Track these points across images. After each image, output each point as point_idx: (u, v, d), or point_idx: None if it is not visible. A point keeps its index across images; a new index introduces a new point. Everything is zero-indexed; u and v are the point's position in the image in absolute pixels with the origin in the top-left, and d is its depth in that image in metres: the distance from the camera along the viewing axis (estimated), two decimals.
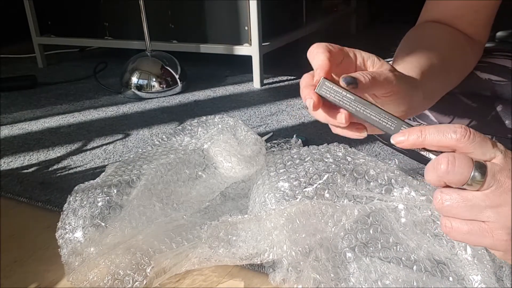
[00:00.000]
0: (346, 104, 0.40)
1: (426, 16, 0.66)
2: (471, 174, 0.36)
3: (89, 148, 1.07)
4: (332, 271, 0.54)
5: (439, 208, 0.38)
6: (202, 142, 0.73)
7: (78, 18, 1.82)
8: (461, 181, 0.36)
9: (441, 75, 0.56)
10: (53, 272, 0.65)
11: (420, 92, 0.50)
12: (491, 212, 0.36)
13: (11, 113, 1.36)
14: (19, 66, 1.93)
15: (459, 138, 0.36)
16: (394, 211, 0.55)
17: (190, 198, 0.68)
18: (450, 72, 0.59)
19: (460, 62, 0.61)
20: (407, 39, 0.61)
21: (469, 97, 0.66)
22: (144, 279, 0.58)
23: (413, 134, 0.38)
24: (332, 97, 0.40)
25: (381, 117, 0.40)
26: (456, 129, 0.36)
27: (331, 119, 0.43)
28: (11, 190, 0.88)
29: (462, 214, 0.37)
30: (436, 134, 0.37)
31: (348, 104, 0.40)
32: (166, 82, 1.46)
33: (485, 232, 0.37)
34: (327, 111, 0.42)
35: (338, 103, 0.40)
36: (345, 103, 0.40)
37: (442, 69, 0.56)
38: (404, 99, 0.47)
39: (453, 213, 0.38)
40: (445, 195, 0.38)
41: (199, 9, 1.56)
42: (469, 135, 0.36)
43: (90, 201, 0.62)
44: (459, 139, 0.36)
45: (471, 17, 0.62)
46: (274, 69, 1.63)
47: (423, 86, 0.50)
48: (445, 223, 0.39)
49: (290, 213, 0.55)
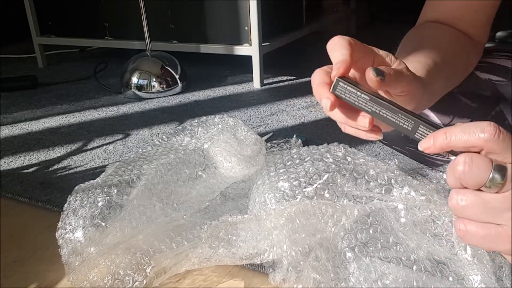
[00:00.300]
0: (362, 105, 0.39)
1: (426, 16, 0.66)
2: (489, 175, 0.34)
3: (89, 148, 1.07)
4: (332, 271, 0.54)
5: (454, 209, 0.37)
6: (202, 142, 0.73)
7: (79, 18, 1.82)
8: (479, 183, 0.35)
9: (444, 74, 0.55)
10: (53, 272, 0.65)
11: (427, 91, 0.49)
12: (509, 216, 0.35)
13: (11, 113, 1.36)
14: (19, 66, 1.93)
15: (488, 138, 0.34)
16: (394, 211, 0.55)
17: (190, 198, 0.68)
18: (452, 72, 0.59)
19: (461, 62, 0.61)
20: (407, 39, 0.61)
21: (469, 97, 0.66)
22: (144, 279, 0.58)
23: (438, 138, 0.36)
24: (348, 97, 0.39)
25: (397, 117, 0.38)
26: (484, 128, 0.34)
27: (350, 121, 0.41)
28: (11, 190, 0.88)
29: (478, 216, 0.36)
30: (462, 134, 0.35)
31: (364, 105, 0.39)
32: (166, 82, 1.47)
33: (501, 236, 0.35)
34: (345, 112, 0.41)
35: (353, 103, 0.39)
36: (361, 104, 0.39)
37: (444, 69, 0.56)
38: (415, 99, 0.46)
39: (469, 214, 0.36)
40: (461, 195, 0.36)
41: (199, 9, 1.56)
42: (498, 134, 0.34)
43: (90, 201, 0.62)
44: (488, 139, 0.34)
45: (471, 17, 0.62)
46: (274, 69, 1.63)
47: (428, 84, 0.50)
48: (460, 226, 0.37)
49: (290, 213, 0.55)
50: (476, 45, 0.64)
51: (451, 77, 0.59)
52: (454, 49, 0.60)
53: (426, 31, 0.63)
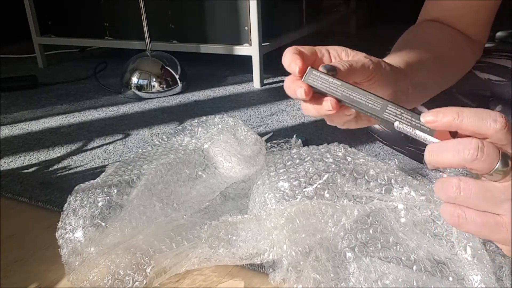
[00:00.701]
0: (333, 90, 0.41)
1: (426, 16, 0.66)
2: (497, 163, 0.34)
3: (89, 148, 1.07)
4: (332, 271, 0.54)
5: (454, 196, 0.36)
6: (202, 142, 0.73)
7: (78, 18, 1.82)
8: (486, 169, 0.34)
9: (434, 69, 0.56)
10: (53, 272, 0.65)
11: (406, 79, 0.50)
12: (509, 206, 0.35)
13: (11, 113, 1.36)
14: (19, 66, 1.93)
15: (499, 128, 0.34)
16: (394, 211, 0.55)
17: (190, 198, 0.68)
18: (445, 69, 0.59)
19: (457, 61, 0.61)
20: (401, 37, 0.62)
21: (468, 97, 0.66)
22: (144, 279, 0.58)
23: (447, 115, 0.35)
24: (320, 84, 0.41)
25: (367, 99, 0.40)
26: (497, 118, 0.34)
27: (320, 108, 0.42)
28: (11, 190, 0.88)
29: (479, 204, 0.36)
30: (476, 119, 0.35)
31: (335, 90, 0.41)
32: (166, 82, 1.47)
33: (500, 225, 0.36)
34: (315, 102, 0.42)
35: (325, 89, 0.41)
36: (332, 89, 0.41)
37: (435, 64, 0.56)
38: (387, 83, 0.46)
39: (469, 202, 0.36)
40: (463, 183, 0.36)
41: (199, 9, 1.56)
42: (508, 127, 0.34)
43: (90, 201, 0.62)
44: (499, 130, 0.34)
45: (470, 17, 0.62)
46: (274, 69, 1.63)
47: (410, 75, 0.50)
48: (459, 213, 0.37)
49: (290, 213, 0.55)
50: (476, 45, 0.64)
51: (445, 74, 0.59)
52: (449, 47, 0.60)
53: (422, 28, 0.64)
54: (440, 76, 0.58)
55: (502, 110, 0.62)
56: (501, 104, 0.63)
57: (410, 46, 0.57)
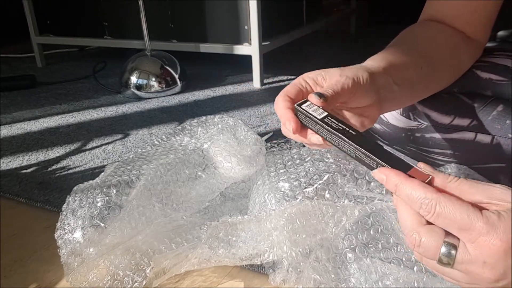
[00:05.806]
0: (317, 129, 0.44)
1: (426, 15, 0.66)
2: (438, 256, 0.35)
3: (88, 148, 1.07)
4: (332, 272, 0.54)
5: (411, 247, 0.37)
6: (202, 142, 0.73)
7: (77, 17, 1.82)
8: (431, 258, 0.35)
9: (420, 67, 0.57)
10: (52, 272, 0.65)
11: (388, 77, 0.51)
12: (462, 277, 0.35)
13: (10, 113, 1.36)
14: (18, 66, 1.93)
15: (423, 214, 0.35)
16: (394, 211, 0.55)
17: (189, 198, 0.68)
18: (436, 68, 0.60)
19: (450, 60, 0.61)
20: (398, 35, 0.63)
21: (469, 96, 0.65)
22: (143, 279, 0.57)
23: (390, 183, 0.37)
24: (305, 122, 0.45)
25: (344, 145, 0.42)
26: (422, 206, 0.35)
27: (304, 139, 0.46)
28: (10, 190, 0.88)
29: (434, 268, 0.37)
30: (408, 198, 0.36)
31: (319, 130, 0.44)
32: (165, 81, 1.46)
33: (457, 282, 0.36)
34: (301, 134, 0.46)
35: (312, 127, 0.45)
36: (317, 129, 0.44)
37: (422, 62, 0.57)
38: (369, 91, 0.48)
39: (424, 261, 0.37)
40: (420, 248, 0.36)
41: (199, 9, 1.56)
42: (432, 214, 0.35)
43: (89, 202, 0.62)
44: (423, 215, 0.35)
45: (469, 17, 0.62)
46: (274, 69, 1.62)
47: (392, 74, 0.52)
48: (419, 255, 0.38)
49: (290, 213, 0.55)
50: (474, 44, 0.64)
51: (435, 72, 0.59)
52: (441, 47, 0.60)
53: (415, 28, 0.64)
54: (429, 73, 0.58)
55: (503, 109, 0.62)
56: (502, 104, 0.62)
57: (398, 44, 0.59)
